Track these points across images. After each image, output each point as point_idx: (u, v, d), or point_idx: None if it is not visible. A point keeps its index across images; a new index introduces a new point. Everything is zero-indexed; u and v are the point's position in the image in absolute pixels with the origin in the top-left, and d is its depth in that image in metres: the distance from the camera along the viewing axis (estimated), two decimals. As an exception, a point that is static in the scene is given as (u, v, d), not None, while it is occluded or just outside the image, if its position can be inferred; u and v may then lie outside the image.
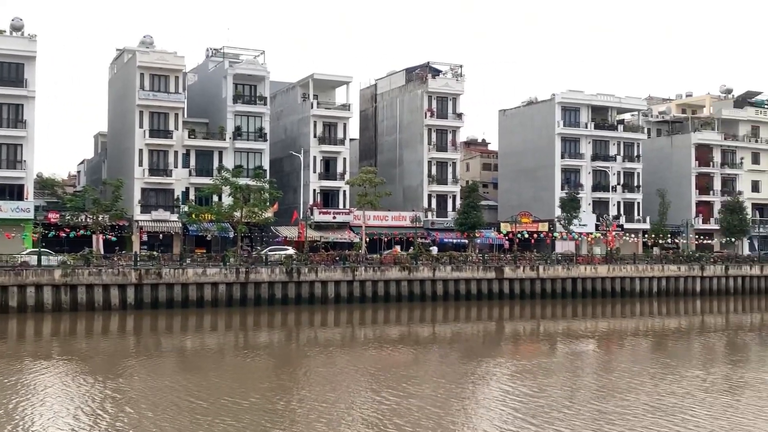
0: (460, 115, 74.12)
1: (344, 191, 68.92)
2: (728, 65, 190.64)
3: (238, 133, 65.77)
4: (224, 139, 65.14)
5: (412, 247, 60.00)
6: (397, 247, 63.06)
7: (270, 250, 55.96)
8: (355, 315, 47.34)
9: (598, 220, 73.75)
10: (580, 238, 70.43)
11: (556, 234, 70.26)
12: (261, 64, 68.32)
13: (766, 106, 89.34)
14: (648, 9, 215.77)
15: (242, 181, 55.64)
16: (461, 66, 75.17)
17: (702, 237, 79.18)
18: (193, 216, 57.42)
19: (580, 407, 22.86)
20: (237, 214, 54.23)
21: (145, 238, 61.73)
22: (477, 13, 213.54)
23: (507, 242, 68.68)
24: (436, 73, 74.95)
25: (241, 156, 65.69)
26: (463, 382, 27.13)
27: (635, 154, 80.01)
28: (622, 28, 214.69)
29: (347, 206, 68.80)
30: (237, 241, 55.51)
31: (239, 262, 49.44)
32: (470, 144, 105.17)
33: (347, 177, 68.06)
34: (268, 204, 56.96)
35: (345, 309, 48.83)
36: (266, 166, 65.84)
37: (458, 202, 71.43)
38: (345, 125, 70.44)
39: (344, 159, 69.79)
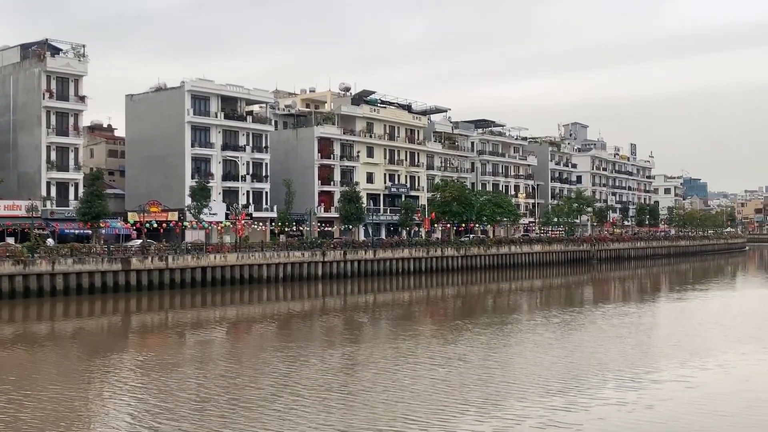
0: (83, 98, 69.57)
1: (-56, 177, 60.93)
2: (346, 65, 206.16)
3: None
4: None
5: (28, 239, 55.20)
6: (10, 240, 57.58)
7: None
8: (-42, 316, 42.23)
9: (228, 209, 74.87)
10: (210, 227, 70.92)
11: (186, 223, 69.75)
12: None
13: (378, 105, 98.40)
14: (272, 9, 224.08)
15: None
16: (84, 46, 70.60)
17: (324, 224, 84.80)
18: None
19: (210, 399, 22.87)
20: None
21: None
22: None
23: (134, 232, 66.57)
24: (56, 51, 69.49)
25: None
26: (83, 381, 25.61)
27: (263, 145, 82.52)
28: (252, 18, 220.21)
29: (-52, 194, 60.92)
30: None
31: None
32: (95, 129, 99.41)
33: (-52, 161, 60.27)
34: None
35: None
36: None
37: (81, 190, 67.13)
38: (-55, 102, 62.21)
39: (-56, 140, 61.64)
